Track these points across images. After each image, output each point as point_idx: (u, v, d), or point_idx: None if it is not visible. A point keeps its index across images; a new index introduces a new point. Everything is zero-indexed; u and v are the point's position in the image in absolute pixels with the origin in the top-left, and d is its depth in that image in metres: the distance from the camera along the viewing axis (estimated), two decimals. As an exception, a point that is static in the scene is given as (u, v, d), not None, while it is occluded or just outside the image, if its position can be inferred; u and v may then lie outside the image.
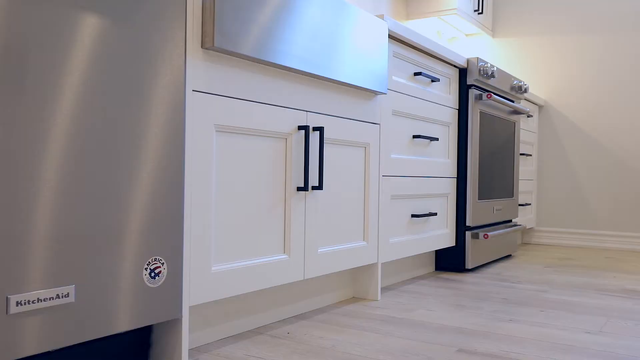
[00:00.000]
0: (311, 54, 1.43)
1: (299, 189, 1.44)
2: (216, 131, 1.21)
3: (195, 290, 1.15)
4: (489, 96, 2.36)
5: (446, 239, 2.29)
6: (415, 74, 2.02)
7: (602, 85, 3.34)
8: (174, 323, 1.13)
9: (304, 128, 1.44)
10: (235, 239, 1.27)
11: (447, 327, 1.48)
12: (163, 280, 1.07)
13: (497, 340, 1.37)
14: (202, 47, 1.15)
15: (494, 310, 1.69)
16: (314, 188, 1.48)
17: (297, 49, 1.37)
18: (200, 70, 1.15)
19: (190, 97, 1.13)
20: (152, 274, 1.05)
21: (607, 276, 2.33)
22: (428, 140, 2.14)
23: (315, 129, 1.49)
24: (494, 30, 3.68)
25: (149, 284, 1.04)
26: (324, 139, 1.55)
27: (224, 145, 1.23)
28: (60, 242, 0.90)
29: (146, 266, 1.04)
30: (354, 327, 1.47)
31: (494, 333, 1.44)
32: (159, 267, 1.06)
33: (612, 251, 3.19)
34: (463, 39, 3.79)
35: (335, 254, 1.60)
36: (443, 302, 1.78)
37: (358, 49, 1.62)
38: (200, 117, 1.16)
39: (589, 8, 3.37)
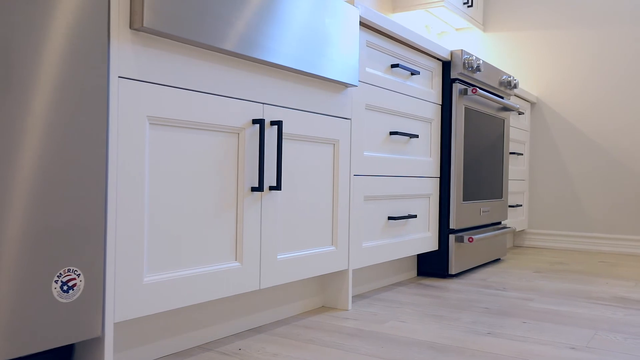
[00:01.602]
0: (267, 40, 1.29)
1: (253, 189, 1.30)
2: (150, 124, 1.07)
3: (123, 304, 1.02)
4: (474, 91, 2.23)
5: (428, 242, 2.15)
6: (393, 65, 1.88)
7: (597, 82, 3.20)
8: (97, 342, 0.99)
9: (259, 122, 1.30)
10: (176, 245, 1.13)
11: (417, 342, 1.35)
12: (79, 294, 0.93)
13: (469, 357, 1.23)
14: (130, 27, 1.01)
15: (473, 321, 1.55)
16: (271, 188, 1.35)
17: (249, 32, 1.24)
18: (128, 54, 1.01)
19: (115, 84, 0.99)
20: (65, 287, 0.91)
21: (599, 282, 2.19)
22: (407, 137, 2.00)
23: (273, 123, 1.35)
24: (485, 25, 3.54)
25: (60, 299, 0.91)
26: (284, 134, 1.41)
27: (161, 140, 1.09)
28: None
29: (56, 278, 0.90)
30: (315, 342, 1.33)
31: (468, 349, 1.30)
32: (74, 279, 0.92)
33: (606, 255, 3.06)
34: (453, 33, 3.65)
35: (298, 260, 1.46)
36: (419, 312, 1.64)
37: (324, 36, 1.48)
38: (129, 107, 1.02)
39: (585, 1, 3.23)
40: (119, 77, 1.00)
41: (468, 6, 3.28)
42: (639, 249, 3.06)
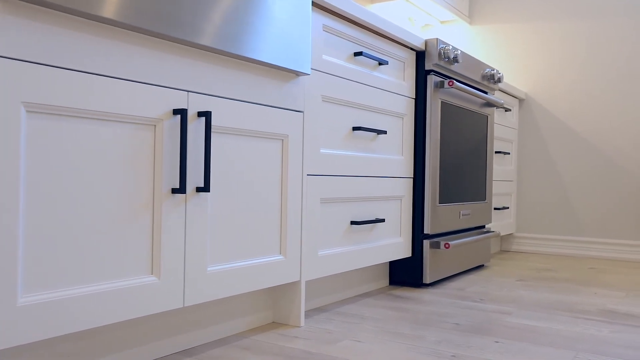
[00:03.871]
0: (191, 16, 1.10)
1: (174, 191, 1.12)
2: (28, 112, 0.89)
3: (-12, 331, 0.83)
4: (450, 83, 2.04)
5: (399, 249, 1.96)
6: (356, 54, 1.70)
7: (589, 78, 3.01)
8: (-49, 379, 0.81)
9: (181, 112, 1.11)
10: (68, 259, 0.94)
11: (367, 368, 1.16)
12: None
13: (425, 390, 1.05)
14: (-4, -7, 0.83)
15: (438, 340, 1.37)
16: (199, 190, 1.16)
17: (165, 5, 1.05)
18: (-6, 26, 0.83)
19: (-27, 62, 0.81)
20: None
21: (586, 292, 2.01)
22: (374, 134, 1.81)
23: (200, 114, 1.16)
24: (471, 17, 3.36)
25: None
26: (218, 127, 1.22)
27: (46, 132, 0.91)
28: None
29: None
30: (248, 368, 1.15)
31: (425, 377, 1.12)
32: None
33: (598, 260, 2.87)
34: (438, 26, 3.47)
35: (235, 272, 1.27)
36: (380, 330, 1.46)
37: (266, 17, 1.30)
38: (-3, 91, 0.84)
39: (574, -9, 3.05)
40: (-20, 53, 0.82)
41: (452, -3, 3.09)
42: (632, 254, 2.88)
